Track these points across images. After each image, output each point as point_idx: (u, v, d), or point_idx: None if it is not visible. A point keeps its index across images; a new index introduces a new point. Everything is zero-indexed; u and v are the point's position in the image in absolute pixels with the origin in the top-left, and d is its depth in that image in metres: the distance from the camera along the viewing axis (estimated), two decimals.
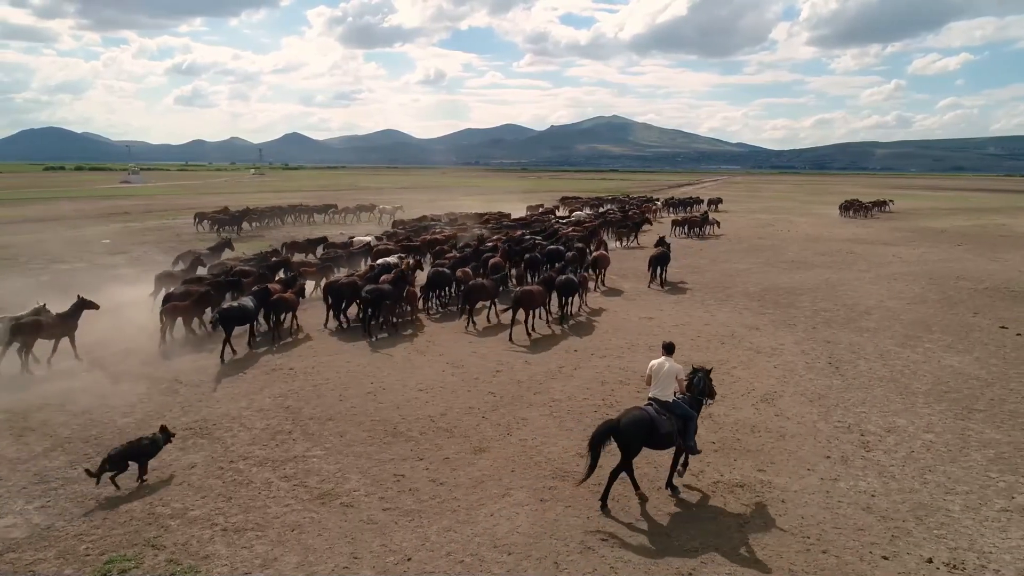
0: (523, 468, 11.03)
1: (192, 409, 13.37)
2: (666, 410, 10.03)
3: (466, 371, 15.83)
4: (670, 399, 10.23)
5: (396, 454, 11.51)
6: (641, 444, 9.84)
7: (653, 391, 10.39)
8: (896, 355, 17.33)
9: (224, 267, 24.44)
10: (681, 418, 10.09)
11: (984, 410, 13.63)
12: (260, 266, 24.37)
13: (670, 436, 9.93)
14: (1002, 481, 10.65)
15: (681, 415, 10.12)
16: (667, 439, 9.94)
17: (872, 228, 51.92)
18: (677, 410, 10.13)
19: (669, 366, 10.37)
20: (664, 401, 10.18)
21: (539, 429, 12.55)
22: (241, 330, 17.72)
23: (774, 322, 20.72)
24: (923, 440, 12.17)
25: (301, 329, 19.49)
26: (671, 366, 10.37)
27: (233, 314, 17.30)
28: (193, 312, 18.54)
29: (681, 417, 10.10)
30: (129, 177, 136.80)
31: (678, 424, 10.02)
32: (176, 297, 18.70)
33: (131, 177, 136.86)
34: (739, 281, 27.78)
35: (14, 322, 15.43)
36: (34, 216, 54.37)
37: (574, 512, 9.68)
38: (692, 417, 10.22)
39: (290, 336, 18.81)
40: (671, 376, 10.33)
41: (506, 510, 9.73)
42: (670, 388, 10.31)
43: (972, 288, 26.34)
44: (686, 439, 10.15)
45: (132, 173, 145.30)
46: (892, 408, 13.69)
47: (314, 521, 9.40)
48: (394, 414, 13.17)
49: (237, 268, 23.40)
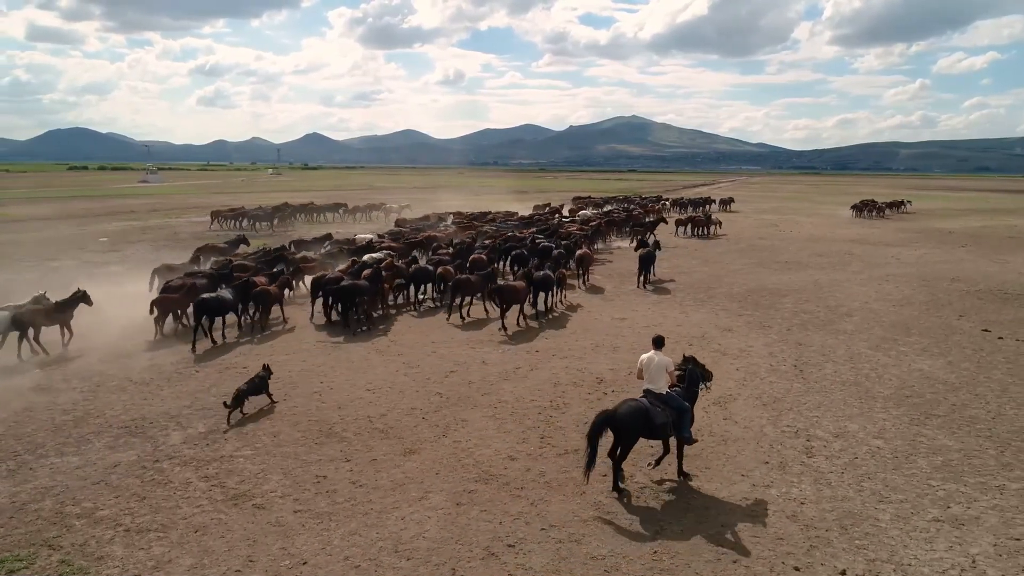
0: (449, 471, 10.80)
1: (134, 407, 13.29)
2: (660, 402, 10.21)
3: (420, 371, 15.63)
4: (664, 391, 10.41)
5: (324, 455, 11.34)
6: (638, 434, 10.03)
7: (646, 384, 10.55)
8: (866, 358, 16.87)
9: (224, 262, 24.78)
10: (676, 410, 10.24)
11: (943, 415, 13.18)
12: (259, 261, 24.92)
13: (664, 427, 10.11)
14: (942, 490, 10.23)
15: (676, 407, 10.26)
16: (661, 430, 10.11)
17: (879, 229, 51.02)
18: (672, 402, 10.29)
19: (659, 359, 10.52)
20: (658, 393, 10.37)
21: (477, 431, 12.32)
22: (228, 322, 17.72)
23: (749, 324, 20.30)
24: (870, 446, 11.76)
25: (286, 321, 20.08)
26: (660, 359, 10.52)
27: (210, 304, 17.74)
28: (182, 305, 18.93)
29: (676, 409, 10.25)
30: (147, 177, 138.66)
31: (672, 415, 10.17)
32: (168, 290, 19.30)
33: (149, 177, 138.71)
34: (726, 282, 27.33)
35: (15, 312, 16.32)
36: (45, 214, 55.23)
37: (488, 517, 9.43)
38: (686, 409, 10.41)
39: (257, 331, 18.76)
40: (661, 369, 10.48)
41: (419, 514, 9.50)
42: (662, 380, 10.45)
43: (965, 290, 25.68)
44: (681, 430, 10.30)
45: (150, 173, 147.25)
46: (847, 412, 13.28)
47: (220, 523, 9.24)
48: (334, 414, 13.01)
49: (236, 263, 23.92)
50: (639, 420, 9.91)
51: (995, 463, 11.16)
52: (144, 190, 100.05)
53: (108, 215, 55.39)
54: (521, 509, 9.64)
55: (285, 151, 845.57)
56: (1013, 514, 9.54)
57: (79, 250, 34.09)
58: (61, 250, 33.62)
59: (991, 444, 11.88)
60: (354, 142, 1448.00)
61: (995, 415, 13.23)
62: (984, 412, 13.38)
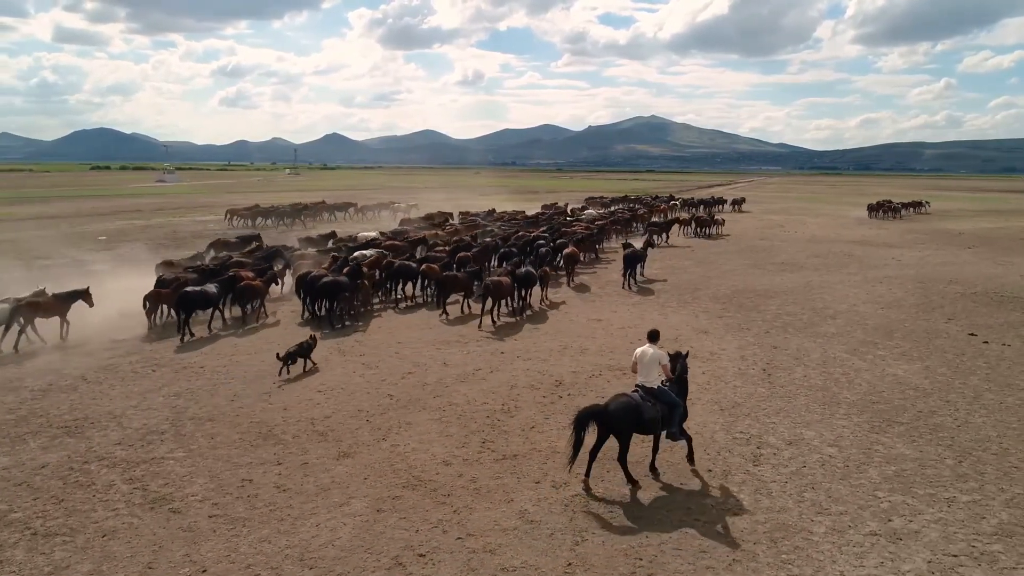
0: (378, 476, 10.51)
1: (80, 407, 13.16)
2: (652, 397, 10.13)
3: (377, 372, 15.37)
4: (655, 386, 10.33)
5: (257, 458, 11.11)
6: (631, 429, 9.93)
7: (639, 378, 10.51)
8: (840, 362, 16.35)
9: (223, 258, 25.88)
10: (667, 404, 10.17)
11: (906, 423, 12.67)
12: (256, 258, 25.66)
13: (655, 422, 10.03)
14: (887, 502, 9.77)
15: (667, 402, 10.20)
16: (651, 425, 10.03)
17: (887, 230, 50.06)
18: (663, 397, 10.22)
19: (652, 353, 10.47)
20: (650, 388, 10.29)
21: (419, 434, 12.02)
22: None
23: (728, 326, 19.82)
24: (822, 454, 11.31)
25: (267, 315, 20.88)
26: (654, 353, 10.48)
27: (193, 297, 18.29)
28: (172, 299, 19.12)
29: (667, 404, 10.18)
30: (164, 177, 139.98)
31: (663, 410, 10.10)
32: (160, 285, 19.89)
33: (166, 176, 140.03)
34: (715, 283, 26.82)
35: (16, 304, 17.11)
36: (54, 213, 55.91)
37: (406, 524, 9.13)
38: (678, 404, 10.37)
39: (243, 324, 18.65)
40: (654, 363, 10.43)
41: (335, 520, 9.23)
42: (654, 374, 10.40)
43: (960, 293, 24.96)
44: (671, 425, 10.23)
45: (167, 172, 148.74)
46: (806, 419, 12.83)
47: (131, 527, 9.03)
48: (277, 416, 12.78)
49: (233, 259, 24.85)
50: (630, 415, 9.83)
51: (950, 474, 10.67)
52: (157, 190, 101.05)
53: (114, 214, 55.87)
54: (442, 517, 9.33)
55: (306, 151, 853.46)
56: (956, 528, 9.07)
57: (73, 248, 34.27)
58: (55, 248, 33.82)
59: (950, 454, 11.38)
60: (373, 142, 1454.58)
61: (962, 423, 12.70)
62: (951, 420, 12.85)
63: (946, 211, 70.60)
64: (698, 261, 33.15)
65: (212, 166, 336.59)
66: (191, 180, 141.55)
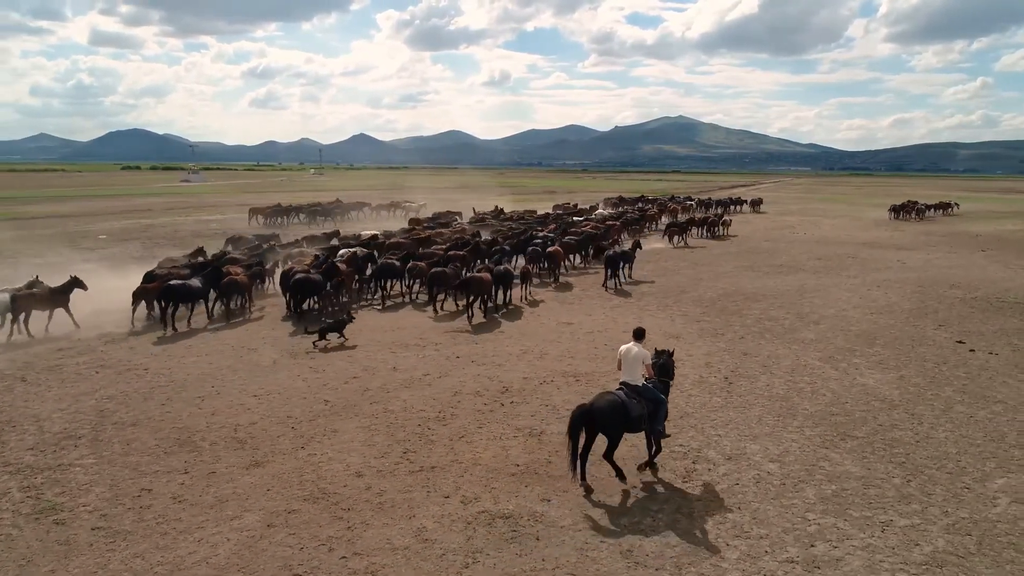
0: (282, 487, 10.03)
1: (8, 409, 12.87)
2: (636, 394, 10.05)
3: (321, 377, 14.92)
4: (639, 383, 10.26)
5: (166, 466, 10.69)
6: (620, 427, 9.85)
7: (624, 376, 10.43)
8: (810, 371, 15.55)
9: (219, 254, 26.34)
10: (651, 402, 10.11)
11: (861, 437, 11.89)
12: (251, 255, 26.10)
13: (640, 419, 9.96)
14: (815, 525, 9.04)
15: (651, 399, 10.13)
16: (638, 423, 9.96)
17: (903, 232, 48.61)
18: (647, 394, 10.15)
19: (636, 351, 10.41)
20: (634, 385, 10.22)
21: (341, 443, 11.53)
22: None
23: (702, 331, 19.05)
24: (760, 471, 10.59)
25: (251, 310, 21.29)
26: (638, 351, 10.41)
27: (177, 291, 18.65)
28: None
29: (651, 401, 10.11)
30: (188, 176, 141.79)
31: (648, 408, 10.03)
32: (148, 280, 20.13)
33: (191, 176, 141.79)
34: (704, 285, 25.99)
35: (12, 294, 17.56)
36: (66, 212, 56.62)
37: (292, 541, 8.63)
38: (662, 401, 10.33)
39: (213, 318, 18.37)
40: (638, 360, 10.35)
41: (220, 535, 8.76)
42: (638, 372, 10.32)
43: (959, 297, 23.86)
44: (655, 423, 10.17)
45: (192, 172, 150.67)
46: (755, 431, 12.10)
47: (7, 539, 8.65)
48: (202, 422, 12.37)
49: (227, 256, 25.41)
50: (617, 413, 9.74)
51: (894, 494, 9.89)
52: (179, 189, 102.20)
53: (123, 213, 56.36)
54: (334, 533, 8.82)
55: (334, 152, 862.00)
56: (884, 556, 8.33)
57: (69, 247, 34.43)
58: (51, 247, 34.00)
59: (900, 472, 10.59)
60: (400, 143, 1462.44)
61: (922, 438, 11.88)
62: (911, 434, 12.04)
63: (973, 212, 68.61)
64: (694, 263, 32.28)
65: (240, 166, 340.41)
66: (216, 180, 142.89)
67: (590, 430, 9.94)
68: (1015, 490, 10.04)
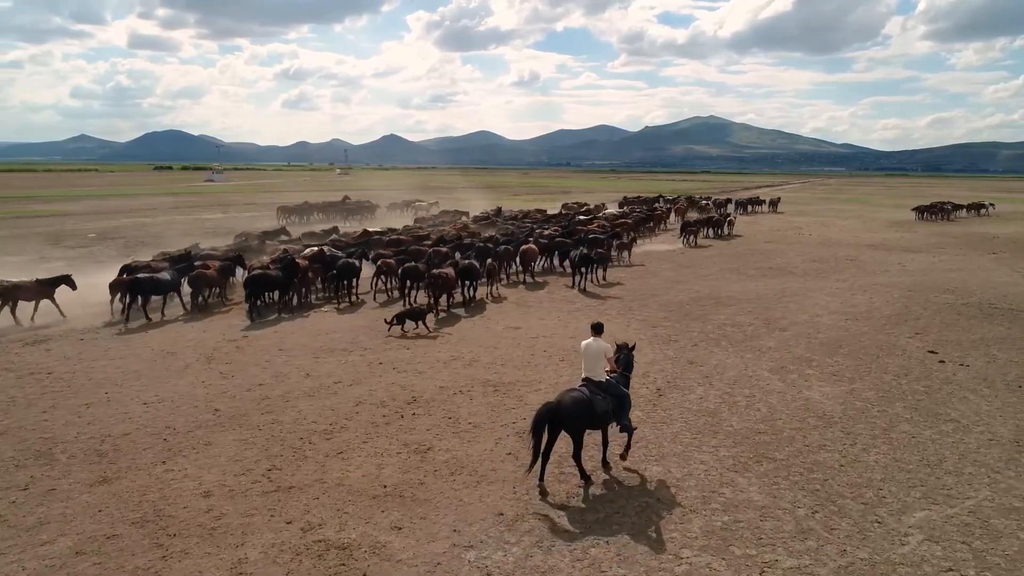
0: (116, 507, 9.20)
1: None
2: (600, 390, 9.85)
3: (226, 383, 14.11)
4: (603, 378, 10.08)
5: (8, 481, 9.94)
6: (584, 424, 9.57)
7: (586, 372, 10.22)
8: (754, 382, 14.33)
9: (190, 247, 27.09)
10: (616, 397, 9.94)
11: (781, 460, 10.70)
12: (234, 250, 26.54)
13: (606, 415, 9.79)
14: (685, 564, 7.93)
15: (615, 394, 9.95)
16: (603, 418, 9.79)
17: (917, 233, 46.62)
18: (611, 389, 9.98)
19: (597, 346, 10.19)
20: (597, 381, 10.02)
21: (207, 458, 10.69)
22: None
23: (655, 337, 17.88)
24: (651, 498, 9.48)
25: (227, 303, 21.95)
26: (599, 345, 10.21)
27: (143, 284, 19.29)
28: None
29: (616, 396, 9.94)
30: (212, 176, 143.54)
31: (612, 403, 9.85)
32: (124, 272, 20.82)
33: (214, 176, 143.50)
34: (677, 288, 24.77)
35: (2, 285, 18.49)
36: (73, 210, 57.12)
37: (93, 572, 7.78)
38: (625, 395, 10.19)
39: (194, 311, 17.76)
40: (599, 355, 10.18)
41: (20, 563, 7.94)
42: (600, 367, 10.15)
43: (949, 303, 22.29)
44: (620, 417, 10.04)
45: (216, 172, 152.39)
46: (665, 451, 10.99)
47: None
48: (72, 431, 11.63)
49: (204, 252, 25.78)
50: (583, 410, 9.46)
51: (792, 528, 8.73)
52: (199, 188, 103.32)
53: (127, 212, 56.56)
54: (143, 563, 7.95)
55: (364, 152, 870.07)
56: None
57: (51, 246, 34.39)
58: (33, 246, 33.96)
59: (809, 501, 9.40)
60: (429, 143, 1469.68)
61: (849, 462, 10.66)
62: (837, 457, 10.82)
63: (1008, 214, 65.77)
64: (679, 264, 31.00)
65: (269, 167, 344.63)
66: (238, 180, 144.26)
67: (554, 429, 9.54)
68: (932, 526, 8.81)
